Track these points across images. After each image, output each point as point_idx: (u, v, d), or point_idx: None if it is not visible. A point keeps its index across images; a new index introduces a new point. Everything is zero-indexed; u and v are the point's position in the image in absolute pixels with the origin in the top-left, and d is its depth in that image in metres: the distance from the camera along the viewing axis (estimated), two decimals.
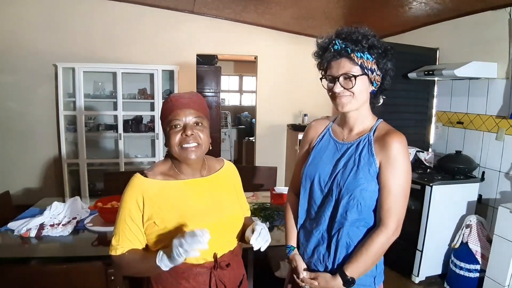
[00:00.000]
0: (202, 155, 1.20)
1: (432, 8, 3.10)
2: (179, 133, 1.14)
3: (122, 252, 1.12)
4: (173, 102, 1.16)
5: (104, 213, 2.09)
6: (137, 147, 4.53)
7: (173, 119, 1.14)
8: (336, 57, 1.15)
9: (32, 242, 1.87)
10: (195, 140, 1.14)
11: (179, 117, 1.14)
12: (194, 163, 1.20)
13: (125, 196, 1.14)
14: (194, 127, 1.15)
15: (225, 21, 4.61)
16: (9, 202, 2.37)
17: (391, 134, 1.17)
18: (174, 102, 1.16)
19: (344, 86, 1.15)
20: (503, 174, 2.81)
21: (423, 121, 3.53)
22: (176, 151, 1.14)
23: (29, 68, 4.09)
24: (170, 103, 1.16)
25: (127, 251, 1.12)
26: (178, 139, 1.14)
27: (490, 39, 2.89)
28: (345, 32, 1.15)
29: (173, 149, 1.15)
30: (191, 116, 1.15)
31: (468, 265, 2.62)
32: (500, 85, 2.82)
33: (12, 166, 4.20)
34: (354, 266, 1.15)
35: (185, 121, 1.14)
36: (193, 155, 1.15)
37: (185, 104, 1.15)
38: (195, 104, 1.17)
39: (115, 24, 4.27)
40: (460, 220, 2.85)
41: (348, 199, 1.16)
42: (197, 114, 1.16)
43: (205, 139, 1.17)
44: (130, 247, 1.13)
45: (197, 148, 1.15)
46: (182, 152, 1.14)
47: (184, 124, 1.14)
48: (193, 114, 1.15)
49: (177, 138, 1.14)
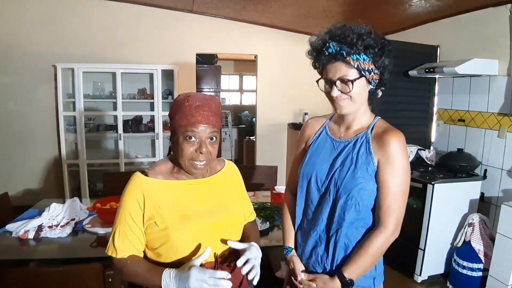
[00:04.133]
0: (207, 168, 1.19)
1: (432, 5, 3.08)
2: (192, 146, 1.10)
3: (123, 257, 1.09)
4: (191, 111, 1.09)
5: (103, 214, 2.08)
6: (137, 147, 4.53)
7: (188, 130, 1.09)
8: (331, 61, 1.12)
9: (30, 244, 1.86)
10: (207, 158, 1.12)
11: (196, 129, 1.09)
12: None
13: (125, 195, 1.12)
14: (209, 143, 1.12)
15: (224, 20, 4.59)
16: (7, 203, 2.36)
17: (389, 132, 1.15)
18: (193, 112, 1.09)
19: (342, 90, 1.12)
20: (505, 172, 2.78)
21: (424, 119, 3.51)
22: (185, 163, 1.12)
23: (29, 69, 4.09)
24: (188, 110, 1.09)
25: (128, 258, 1.10)
26: (191, 153, 1.10)
27: (491, 36, 2.87)
28: (339, 33, 1.11)
29: (182, 160, 1.11)
30: (208, 130, 1.11)
31: (471, 264, 2.60)
32: (502, 82, 2.80)
33: (12, 167, 4.20)
34: (352, 267, 1.13)
35: (201, 137, 1.10)
36: (200, 171, 1.14)
37: (205, 118, 1.09)
38: (214, 119, 1.12)
39: (114, 24, 4.26)
40: (463, 219, 2.83)
41: (345, 199, 1.14)
42: (214, 129, 1.12)
43: (215, 153, 1.15)
44: (131, 250, 1.10)
45: (206, 165, 1.14)
46: (191, 166, 1.12)
47: (199, 140, 1.10)
48: (210, 129, 1.11)
49: (189, 152, 1.10)
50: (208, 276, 1.00)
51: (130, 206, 1.11)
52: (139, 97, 4.26)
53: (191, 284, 0.99)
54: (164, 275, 1.03)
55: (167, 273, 1.03)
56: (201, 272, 1.01)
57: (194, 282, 0.99)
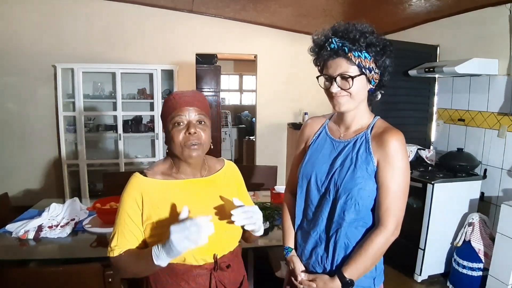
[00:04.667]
0: (203, 154, 1.19)
1: (432, 4, 3.08)
2: (182, 131, 1.12)
3: (119, 253, 1.10)
4: (176, 100, 1.14)
5: (103, 214, 2.08)
6: (137, 147, 4.53)
7: (176, 116, 1.12)
8: (332, 57, 1.12)
9: (30, 244, 1.86)
10: (198, 139, 1.13)
11: (182, 114, 1.13)
12: (195, 162, 1.18)
13: (124, 195, 1.13)
14: (197, 126, 1.14)
15: (224, 20, 4.59)
16: (7, 204, 2.36)
17: (389, 132, 1.15)
18: (178, 100, 1.14)
19: (341, 87, 1.12)
20: (505, 172, 2.78)
21: (424, 118, 3.51)
22: (179, 149, 1.13)
23: (28, 69, 4.09)
24: (173, 101, 1.14)
25: (123, 252, 1.10)
26: (182, 137, 1.12)
27: (491, 35, 2.87)
28: (342, 29, 1.12)
29: (176, 147, 1.13)
30: (194, 113, 1.14)
31: (471, 264, 2.60)
32: (501, 82, 2.80)
33: (12, 168, 4.20)
34: (353, 267, 1.13)
35: (189, 119, 1.13)
36: (195, 153, 1.13)
37: (188, 102, 1.14)
38: (198, 102, 1.16)
39: (114, 24, 4.26)
40: (463, 218, 2.83)
41: (345, 199, 1.14)
42: (200, 112, 1.15)
43: (207, 138, 1.16)
44: (126, 246, 1.11)
45: (199, 147, 1.14)
46: (185, 150, 1.13)
47: (187, 122, 1.13)
48: (196, 112, 1.14)
49: (180, 137, 1.12)
50: (188, 224, 0.98)
51: (129, 207, 1.11)
52: (139, 97, 4.26)
53: (172, 238, 0.98)
54: (154, 248, 1.03)
55: (156, 246, 1.03)
56: (180, 224, 0.99)
57: (175, 235, 0.98)
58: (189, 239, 0.98)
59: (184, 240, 0.98)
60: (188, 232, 0.97)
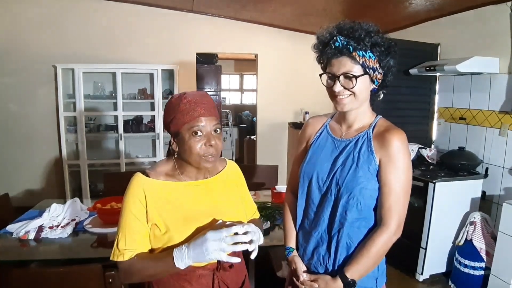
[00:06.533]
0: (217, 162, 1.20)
1: (432, 3, 3.07)
2: (201, 142, 1.09)
3: (131, 257, 1.07)
4: (192, 106, 1.08)
5: (103, 215, 2.08)
6: (137, 147, 4.53)
7: (194, 126, 1.08)
8: (337, 55, 1.10)
9: (30, 245, 1.86)
10: (216, 151, 1.12)
11: (201, 123, 1.08)
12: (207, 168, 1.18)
13: (127, 196, 1.11)
14: (215, 136, 1.11)
15: (224, 20, 4.58)
16: (7, 204, 2.36)
17: (391, 131, 1.14)
18: (195, 107, 1.08)
19: (345, 86, 1.11)
20: (506, 170, 2.77)
21: (425, 117, 3.50)
22: (197, 159, 1.10)
23: (29, 70, 4.09)
24: (188, 106, 1.08)
25: (136, 256, 1.08)
26: (201, 148, 1.09)
27: (492, 34, 2.86)
28: (347, 28, 1.10)
29: (193, 157, 1.10)
30: (213, 123, 1.11)
31: (473, 263, 2.59)
32: (503, 80, 2.79)
33: (13, 168, 4.20)
34: (355, 267, 1.12)
35: (207, 130, 1.10)
36: (212, 164, 1.13)
37: (207, 110, 1.10)
38: (214, 110, 1.13)
39: (114, 24, 4.26)
40: (464, 217, 2.82)
41: (347, 198, 1.13)
42: (217, 121, 1.13)
43: (221, 146, 1.15)
44: (138, 248, 1.08)
45: (216, 157, 1.13)
46: (202, 160, 1.11)
47: (206, 133, 1.10)
48: (214, 121, 1.11)
49: (198, 147, 1.09)
50: (225, 234, 1.01)
51: (133, 206, 1.09)
52: (140, 97, 4.25)
53: (209, 246, 1.00)
54: (176, 250, 1.03)
55: (178, 249, 1.03)
56: (217, 232, 1.02)
57: (212, 243, 1.00)
58: (224, 251, 1.01)
59: (219, 252, 1.01)
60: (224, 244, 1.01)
